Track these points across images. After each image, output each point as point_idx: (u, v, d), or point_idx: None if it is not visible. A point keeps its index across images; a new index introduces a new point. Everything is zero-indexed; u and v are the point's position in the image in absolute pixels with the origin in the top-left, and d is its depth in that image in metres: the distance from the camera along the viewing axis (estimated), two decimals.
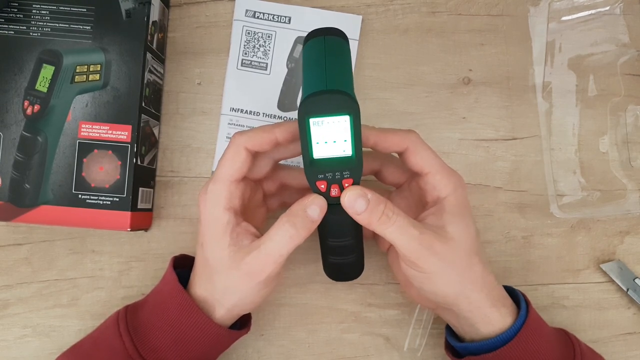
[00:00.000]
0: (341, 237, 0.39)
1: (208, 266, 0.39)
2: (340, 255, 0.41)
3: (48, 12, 0.45)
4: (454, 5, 0.52)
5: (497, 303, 0.40)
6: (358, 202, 0.36)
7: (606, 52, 0.51)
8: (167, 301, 0.41)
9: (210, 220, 0.39)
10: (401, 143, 0.39)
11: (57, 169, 0.45)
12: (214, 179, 0.39)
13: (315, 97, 0.33)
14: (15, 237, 0.50)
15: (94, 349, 0.41)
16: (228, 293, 0.39)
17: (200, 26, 0.51)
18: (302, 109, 0.34)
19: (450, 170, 0.40)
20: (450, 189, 0.39)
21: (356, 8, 0.51)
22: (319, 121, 0.34)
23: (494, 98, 0.51)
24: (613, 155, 0.51)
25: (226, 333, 0.41)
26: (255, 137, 0.38)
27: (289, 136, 0.38)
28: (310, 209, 0.36)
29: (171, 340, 0.40)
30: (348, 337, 0.50)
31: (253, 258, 0.37)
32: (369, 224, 0.37)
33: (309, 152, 0.35)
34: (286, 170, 0.44)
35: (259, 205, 0.44)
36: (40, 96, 0.45)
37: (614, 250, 0.51)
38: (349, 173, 0.36)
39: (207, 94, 0.51)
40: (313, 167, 0.36)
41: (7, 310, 0.49)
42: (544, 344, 0.40)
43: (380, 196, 0.37)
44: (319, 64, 0.36)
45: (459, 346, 0.42)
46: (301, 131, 0.35)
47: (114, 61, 0.46)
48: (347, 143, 0.35)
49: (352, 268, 0.43)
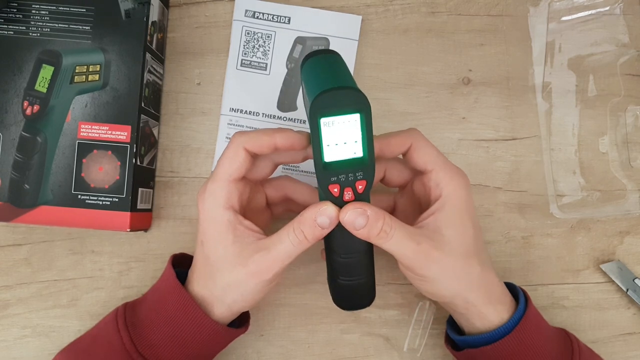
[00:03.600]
0: (351, 251, 0.39)
1: (209, 264, 0.39)
2: (350, 275, 0.40)
3: (47, 12, 0.45)
4: (454, 5, 0.52)
5: (493, 300, 0.40)
6: (358, 220, 0.36)
7: (606, 52, 0.51)
8: (165, 298, 0.41)
9: (210, 219, 0.39)
10: (405, 143, 0.39)
11: (57, 169, 0.45)
12: (213, 178, 0.39)
13: (327, 93, 0.33)
14: (15, 237, 0.50)
15: (93, 345, 0.41)
16: (230, 290, 0.39)
17: (199, 26, 0.51)
18: (313, 108, 0.34)
19: (454, 168, 0.40)
20: (452, 187, 0.39)
21: (356, 8, 0.51)
22: (330, 121, 0.34)
23: (494, 98, 0.51)
24: (613, 155, 0.51)
25: (224, 331, 0.41)
26: (256, 139, 0.38)
27: (288, 144, 0.38)
28: (320, 218, 0.36)
29: (169, 337, 0.40)
30: (348, 338, 0.50)
31: (261, 257, 0.37)
32: (367, 238, 0.37)
33: (321, 156, 0.35)
34: (292, 184, 0.44)
35: (262, 209, 0.44)
36: (40, 96, 0.45)
37: (613, 251, 0.51)
38: (362, 174, 0.36)
39: (207, 94, 0.51)
40: (325, 171, 0.35)
41: (6, 310, 0.49)
42: (541, 339, 0.40)
43: (379, 211, 0.37)
44: (325, 71, 0.36)
45: (457, 339, 0.43)
46: (312, 134, 0.34)
47: (114, 61, 0.46)
48: (358, 144, 0.35)
49: (363, 292, 0.41)
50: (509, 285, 0.44)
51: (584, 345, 0.43)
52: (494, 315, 0.40)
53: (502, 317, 0.40)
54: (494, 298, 0.40)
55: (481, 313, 0.40)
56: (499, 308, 0.40)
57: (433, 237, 0.38)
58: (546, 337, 0.41)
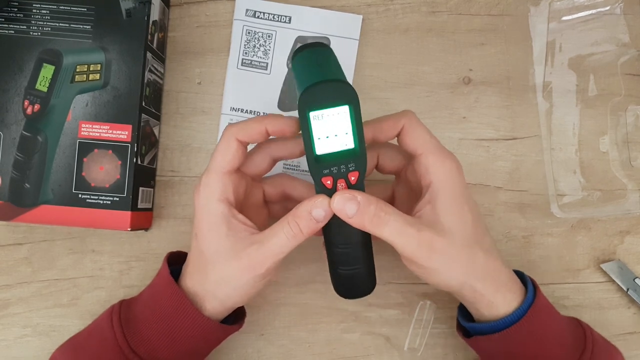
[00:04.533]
0: (349, 242, 0.39)
1: (202, 258, 0.39)
2: (349, 265, 0.40)
3: (48, 11, 0.45)
4: (454, 5, 0.52)
5: (502, 288, 0.40)
6: (347, 205, 0.36)
7: (606, 51, 0.51)
8: (158, 294, 0.41)
9: (204, 212, 0.39)
10: (397, 125, 0.39)
11: (57, 168, 0.45)
12: (207, 171, 0.39)
13: (314, 87, 0.34)
14: (15, 236, 0.50)
15: (88, 341, 0.42)
16: (222, 284, 0.39)
17: (200, 26, 0.51)
18: (301, 102, 0.34)
19: (445, 152, 0.39)
20: (443, 173, 0.38)
21: (356, 8, 0.51)
22: (320, 114, 0.34)
23: (494, 98, 0.51)
24: (613, 155, 0.51)
25: (216, 327, 0.41)
26: (246, 127, 0.38)
27: (278, 128, 0.38)
28: (316, 211, 0.36)
29: (162, 333, 0.40)
30: (348, 337, 0.50)
31: (255, 250, 0.37)
32: (362, 226, 0.36)
33: (312, 149, 0.35)
34: (289, 181, 0.44)
35: (260, 206, 0.44)
36: (41, 96, 0.45)
37: (614, 250, 0.51)
38: (353, 165, 0.36)
39: (208, 93, 0.51)
40: (317, 164, 0.36)
41: (7, 310, 0.49)
42: (552, 327, 0.40)
43: (370, 197, 0.36)
44: (312, 65, 0.36)
45: (468, 326, 0.43)
46: (303, 128, 0.35)
47: (114, 61, 0.46)
48: (348, 136, 0.35)
49: (363, 280, 0.42)
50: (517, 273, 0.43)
51: (597, 335, 0.42)
52: (503, 303, 0.40)
53: (510, 305, 0.40)
54: (501, 286, 0.40)
55: (490, 302, 0.39)
56: (507, 296, 0.40)
57: (434, 227, 0.37)
58: (557, 325, 0.41)
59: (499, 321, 0.40)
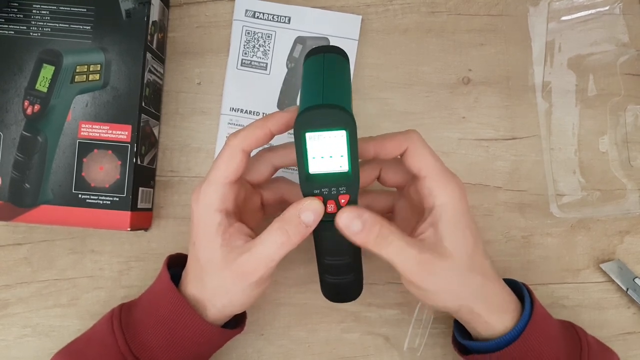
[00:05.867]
0: (338, 256, 0.39)
1: (199, 266, 0.39)
2: (337, 275, 0.40)
3: (48, 12, 0.45)
4: (454, 5, 0.52)
5: (498, 310, 0.40)
6: (354, 223, 0.35)
7: (606, 51, 0.51)
8: (159, 299, 0.41)
9: (201, 221, 0.39)
10: (401, 146, 0.38)
11: (57, 168, 0.45)
12: (208, 180, 0.38)
13: (312, 111, 0.33)
14: (15, 237, 0.50)
15: (88, 346, 0.41)
16: (218, 293, 0.39)
17: (200, 26, 0.51)
18: (298, 123, 0.34)
19: (449, 175, 0.39)
20: (446, 197, 0.38)
21: (356, 8, 0.51)
22: (316, 135, 0.34)
23: (494, 98, 0.51)
24: (613, 155, 0.51)
25: (218, 332, 0.41)
26: (250, 136, 0.38)
27: (282, 127, 0.38)
28: (305, 214, 0.36)
29: (163, 338, 0.40)
30: (348, 337, 0.50)
31: (245, 260, 0.37)
32: (365, 244, 0.36)
33: (305, 167, 0.35)
34: (288, 186, 0.44)
35: (257, 210, 0.44)
36: (40, 96, 0.45)
37: (613, 250, 0.51)
38: (345, 189, 0.35)
39: (207, 93, 0.51)
40: (309, 182, 0.35)
41: (7, 310, 0.49)
42: (549, 342, 0.40)
43: (376, 216, 0.36)
44: (317, 80, 0.36)
45: (465, 343, 0.43)
46: (297, 145, 0.34)
47: (114, 61, 0.46)
48: (343, 158, 0.35)
49: (350, 289, 0.42)
50: (512, 282, 0.43)
51: (592, 339, 0.42)
52: (499, 323, 0.40)
53: (506, 325, 0.40)
54: (498, 307, 0.40)
55: (486, 322, 0.40)
56: (503, 317, 0.40)
57: (435, 249, 0.37)
58: (554, 338, 0.41)
59: (496, 340, 0.40)
